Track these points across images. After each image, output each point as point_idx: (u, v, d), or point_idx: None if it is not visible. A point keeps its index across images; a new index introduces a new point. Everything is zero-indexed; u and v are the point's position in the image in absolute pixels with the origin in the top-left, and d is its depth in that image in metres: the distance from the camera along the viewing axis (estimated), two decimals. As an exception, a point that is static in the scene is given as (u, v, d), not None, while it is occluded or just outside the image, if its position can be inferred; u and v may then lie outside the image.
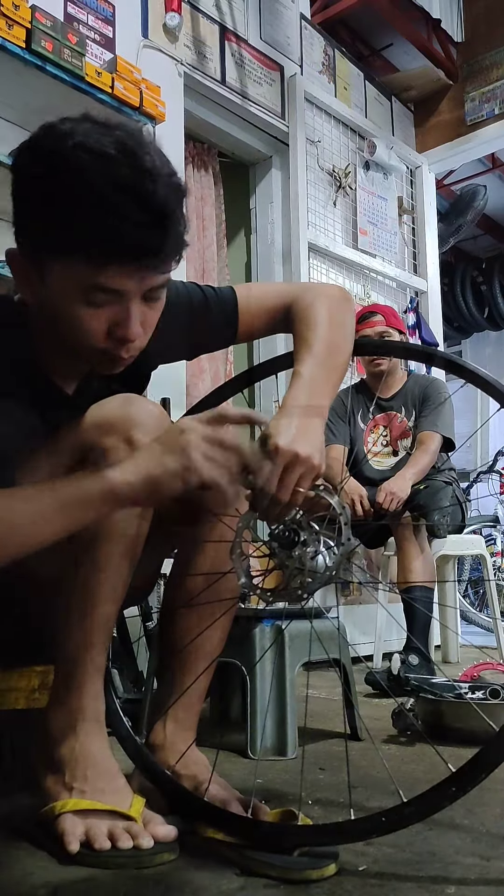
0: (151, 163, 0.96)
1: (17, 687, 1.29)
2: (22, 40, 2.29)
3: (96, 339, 1.02)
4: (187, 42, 3.24)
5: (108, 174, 0.93)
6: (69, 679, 1.10)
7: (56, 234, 0.97)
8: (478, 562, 4.20)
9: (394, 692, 2.08)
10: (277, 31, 3.75)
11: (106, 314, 1.01)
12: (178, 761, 1.19)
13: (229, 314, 1.29)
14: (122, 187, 0.93)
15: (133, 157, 0.95)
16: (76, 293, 0.99)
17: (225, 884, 0.91)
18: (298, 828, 1.03)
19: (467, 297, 6.74)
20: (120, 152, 0.94)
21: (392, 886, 0.90)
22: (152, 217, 0.95)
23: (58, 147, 0.95)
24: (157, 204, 0.95)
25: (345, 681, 1.82)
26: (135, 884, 0.92)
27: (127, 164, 0.94)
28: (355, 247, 3.97)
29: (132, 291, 1.00)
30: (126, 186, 0.93)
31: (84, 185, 0.93)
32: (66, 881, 0.93)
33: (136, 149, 0.96)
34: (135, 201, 0.94)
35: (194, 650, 1.29)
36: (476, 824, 1.14)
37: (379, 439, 3.13)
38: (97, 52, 2.76)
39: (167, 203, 0.97)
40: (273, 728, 1.62)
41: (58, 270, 0.99)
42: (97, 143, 0.94)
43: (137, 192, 0.94)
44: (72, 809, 1.03)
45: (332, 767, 1.51)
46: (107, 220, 0.94)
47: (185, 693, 1.25)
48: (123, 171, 0.94)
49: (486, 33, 4.39)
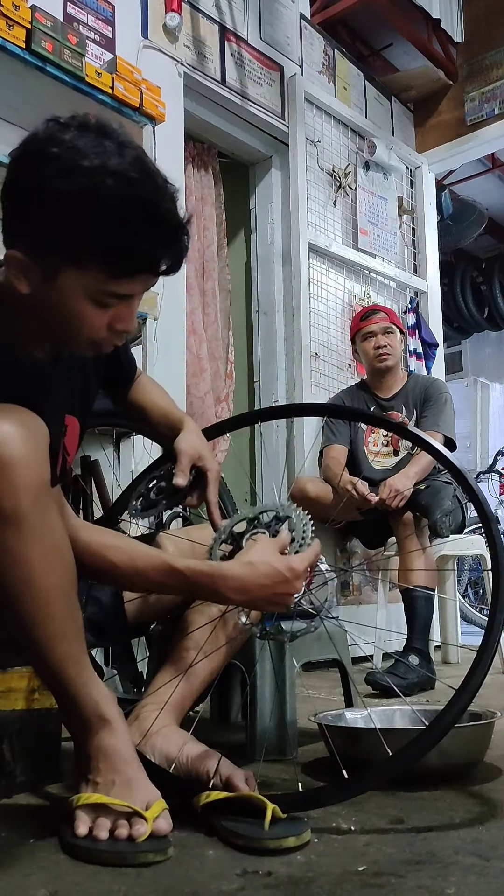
0: (163, 180, 1.04)
1: (17, 687, 1.29)
2: (22, 41, 2.30)
3: (98, 333, 1.09)
4: (187, 42, 3.24)
5: (129, 195, 1.00)
6: (59, 694, 1.09)
7: (75, 245, 1.02)
8: (478, 562, 4.20)
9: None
10: (277, 31, 3.75)
11: (110, 313, 1.07)
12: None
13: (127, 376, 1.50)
14: (143, 207, 1.01)
15: (150, 177, 1.03)
16: (86, 296, 1.04)
17: (225, 884, 0.91)
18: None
19: (467, 298, 6.74)
20: (138, 173, 1.01)
21: (392, 886, 0.90)
22: (168, 234, 1.05)
23: (76, 164, 1.00)
24: (172, 222, 1.04)
25: (345, 681, 1.81)
26: (134, 884, 0.92)
27: (146, 186, 1.02)
28: (355, 247, 3.97)
29: (139, 294, 1.08)
30: (146, 207, 1.01)
31: (107, 206, 0.99)
32: (66, 881, 0.93)
33: (150, 167, 1.04)
34: (153, 220, 1.02)
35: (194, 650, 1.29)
36: (476, 824, 1.14)
37: (380, 440, 3.13)
38: (97, 52, 2.76)
39: (179, 219, 1.05)
40: (273, 728, 1.62)
41: (70, 274, 1.03)
42: (119, 166, 1.00)
43: (155, 212, 1.02)
44: (84, 803, 1.04)
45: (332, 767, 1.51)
46: (127, 237, 1.01)
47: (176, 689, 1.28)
48: (143, 192, 1.01)
49: (486, 33, 4.39)
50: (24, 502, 0.96)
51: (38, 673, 1.16)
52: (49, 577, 1.01)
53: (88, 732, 1.08)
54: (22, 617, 1.01)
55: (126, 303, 1.07)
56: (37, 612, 1.01)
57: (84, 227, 1.00)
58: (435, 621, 2.97)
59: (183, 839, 1.05)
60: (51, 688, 1.10)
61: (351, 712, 1.63)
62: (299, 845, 1.02)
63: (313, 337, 3.66)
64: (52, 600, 1.01)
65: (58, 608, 1.02)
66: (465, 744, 1.40)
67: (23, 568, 0.98)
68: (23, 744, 1.30)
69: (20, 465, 0.96)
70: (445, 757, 1.34)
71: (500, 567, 1.18)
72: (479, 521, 1.26)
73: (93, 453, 2.53)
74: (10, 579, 0.99)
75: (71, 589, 1.04)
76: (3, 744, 1.27)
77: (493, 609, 1.19)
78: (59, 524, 1.04)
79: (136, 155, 1.03)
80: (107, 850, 0.98)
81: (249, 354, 3.86)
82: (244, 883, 0.92)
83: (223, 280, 3.80)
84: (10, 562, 0.98)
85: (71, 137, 1.01)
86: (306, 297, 3.63)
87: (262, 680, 1.62)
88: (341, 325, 3.79)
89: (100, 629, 1.35)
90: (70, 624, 1.04)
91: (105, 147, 1.01)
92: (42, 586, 1.00)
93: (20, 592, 0.99)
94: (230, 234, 3.90)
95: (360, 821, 1.15)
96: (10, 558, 0.98)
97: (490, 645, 1.15)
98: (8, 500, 0.95)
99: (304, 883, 0.91)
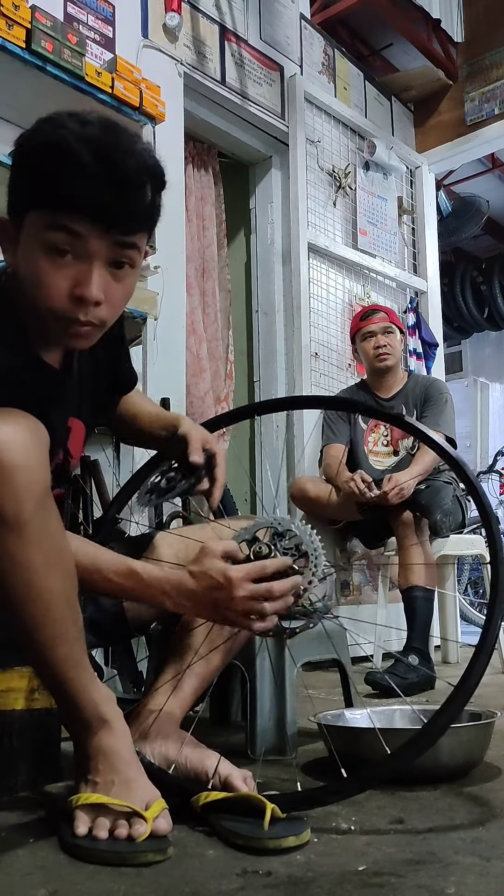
0: (131, 144, 1.05)
1: (17, 687, 1.29)
2: (22, 40, 2.30)
3: (58, 296, 1.07)
4: (187, 42, 3.24)
5: (82, 137, 1.02)
6: (59, 695, 1.09)
7: (29, 190, 1.06)
8: (478, 561, 4.20)
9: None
10: (277, 31, 3.75)
11: (67, 272, 1.06)
12: None
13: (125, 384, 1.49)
14: (92, 148, 1.02)
15: (113, 132, 1.05)
16: (39, 242, 1.05)
17: (225, 884, 0.91)
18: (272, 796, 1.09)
19: (467, 297, 6.75)
20: (101, 126, 1.05)
21: (392, 886, 0.90)
22: (116, 180, 1.03)
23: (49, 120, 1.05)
24: (124, 171, 1.04)
25: (344, 681, 1.81)
26: (134, 884, 0.92)
27: (105, 135, 1.04)
28: (355, 247, 3.97)
29: (93, 249, 1.06)
30: (98, 152, 1.02)
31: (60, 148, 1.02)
32: (66, 881, 0.93)
33: (118, 129, 1.06)
34: (104, 164, 1.02)
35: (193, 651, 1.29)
36: (476, 824, 1.14)
37: (380, 439, 3.12)
38: (97, 52, 2.76)
39: (135, 174, 1.05)
40: (273, 728, 1.62)
41: (27, 223, 1.06)
42: (84, 126, 1.03)
43: (107, 158, 1.02)
44: (84, 803, 1.04)
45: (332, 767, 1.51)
46: (75, 177, 1.02)
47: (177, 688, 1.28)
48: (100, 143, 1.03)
49: (486, 33, 4.39)
50: (26, 507, 0.96)
51: (38, 674, 1.16)
52: (50, 580, 1.01)
53: (88, 733, 1.08)
54: (23, 620, 1.01)
55: (84, 264, 1.06)
56: (38, 615, 1.01)
57: (38, 171, 1.04)
58: (435, 621, 2.97)
59: (183, 839, 1.05)
60: (51, 689, 1.10)
61: (351, 712, 1.63)
62: (299, 845, 1.02)
63: (313, 337, 3.66)
64: (53, 604, 1.01)
65: (59, 611, 1.02)
66: (464, 743, 1.40)
67: (25, 572, 0.98)
68: (22, 743, 1.30)
69: (22, 470, 0.96)
70: (445, 756, 1.34)
71: (500, 562, 1.17)
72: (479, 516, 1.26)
73: (93, 453, 2.53)
74: (13, 583, 0.99)
75: (72, 592, 1.04)
76: (3, 743, 1.27)
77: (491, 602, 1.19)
78: (59, 528, 1.04)
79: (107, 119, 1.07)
80: (106, 849, 0.98)
81: (249, 354, 3.86)
82: (244, 883, 0.92)
83: (223, 280, 3.80)
84: (12, 566, 0.98)
85: (60, 116, 1.06)
86: (306, 297, 3.63)
87: (262, 680, 1.62)
88: (341, 325, 3.79)
89: (100, 629, 1.35)
90: (71, 626, 1.04)
91: (87, 119, 1.05)
92: (43, 590, 1.00)
93: (22, 596, 1.00)
94: (230, 234, 3.90)
95: (360, 821, 1.15)
96: (12, 563, 0.98)
97: (488, 641, 1.14)
98: (10, 505, 0.95)
99: (304, 883, 0.91)
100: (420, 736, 1.13)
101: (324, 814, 1.16)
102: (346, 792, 1.15)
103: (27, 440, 0.98)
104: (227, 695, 1.96)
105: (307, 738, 1.69)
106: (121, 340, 1.40)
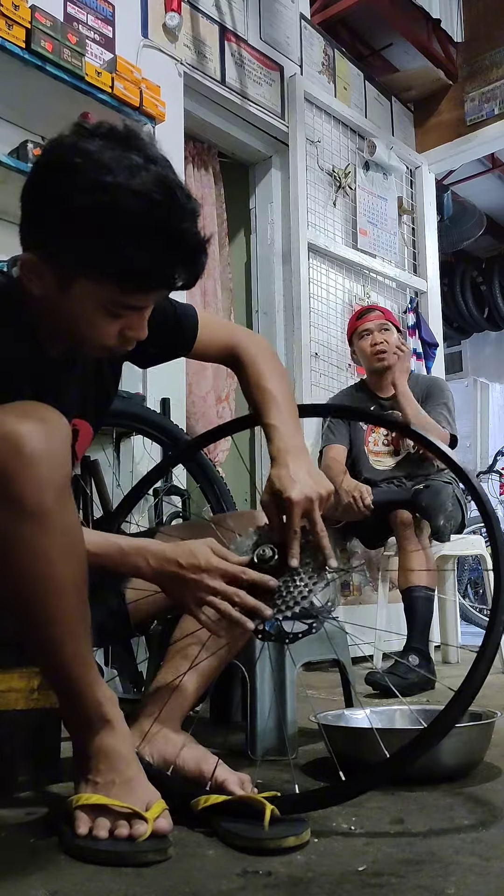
0: (184, 198, 1.05)
1: (17, 687, 1.29)
2: (22, 40, 2.29)
3: (109, 340, 1.12)
4: (187, 42, 3.24)
5: (150, 217, 1.02)
6: (63, 693, 1.09)
7: (92, 260, 1.04)
8: (478, 562, 4.20)
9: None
10: (277, 31, 3.75)
11: (122, 322, 1.11)
12: None
13: (188, 338, 1.39)
14: (163, 229, 1.03)
15: (172, 197, 1.04)
16: (99, 306, 1.08)
17: (225, 884, 0.91)
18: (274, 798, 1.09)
19: (467, 298, 6.74)
20: (161, 193, 1.02)
21: (392, 886, 0.90)
22: (186, 254, 1.07)
23: (99, 181, 1.01)
24: (191, 242, 1.07)
25: (344, 681, 1.81)
26: (134, 884, 0.92)
27: (168, 207, 1.03)
28: (355, 247, 3.97)
29: (150, 304, 1.12)
30: (166, 229, 1.03)
31: (127, 226, 1.01)
32: (66, 881, 0.93)
33: (174, 186, 1.04)
34: (173, 241, 1.04)
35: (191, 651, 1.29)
36: (476, 824, 1.14)
37: (380, 439, 3.12)
38: (97, 52, 2.76)
39: (199, 239, 1.08)
40: (273, 728, 1.62)
41: (86, 285, 1.06)
42: (142, 185, 1.01)
43: (175, 233, 1.04)
44: (84, 804, 1.04)
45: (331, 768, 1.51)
46: (145, 257, 1.03)
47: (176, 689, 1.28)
48: (164, 214, 1.03)
49: (486, 33, 4.39)
50: (47, 497, 0.96)
51: (43, 671, 1.15)
52: (65, 573, 1.00)
53: (89, 732, 1.08)
54: (35, 614, 1.01)
55: (138, 312, 1.11)
56: (51, 609, 1.01)
57: (102, 245, 1.02)
58: (435, 621, 2.97)
59: (183, 839, 1.06)
60: (55, 686, 1.10)
61: (351, 712, 1.63)
62: (299, 845, 1.02)
63: (313, 337, 3.66)
64: (65, 597, 1.01)
65: (70, 606, 1.02)
66: (465, 743, 1.40)
67: (42, 563, 0.98)
68: (23, 743, 1.30)
69: (44, 461, 0.96)
70: (445, 757, 1.34)
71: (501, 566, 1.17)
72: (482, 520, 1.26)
73: (93, 453, 2.53)
74: (30, 574, 0.98)
75: (83, 587, 1.04)
76: (4, 743, 1.27)
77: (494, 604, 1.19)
78: (76, 521, 1.04)
79: (160, 173, 1.04)
80: (107, 849, 0.98)
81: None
82: (244, 883, 0.92)
83: (224, 279, 3.79)
84: (30, 556, 0.98)
85: (96, 149, 1.02)
86: (306, 296, 3.63)
87: (262, 680, 1.62)
88: (341, 325, 3.79)
89: (101, 629, 1.35)
90: (80, 622, 1.04)
91: (131, 161, 1.02)
92: (58, 583, 1.00)
93: (37, 589, 0.99)
94: (230, 234, 3.90)
95: (360, 821, 1.15)
96: (31, 553, 0.98)
97: (492, 642, 1.14)
98: (32, 495, 0.95)
99: (304, 883, 0.91)
100: (422, 737, 1.12)
101: (324, 814, 1.16)
102: (347, 794, 1.14)
103: (50, 431, 0.98)
104: (227, 695, 1.96)
105: (307, 739, 1.69)
106: None
